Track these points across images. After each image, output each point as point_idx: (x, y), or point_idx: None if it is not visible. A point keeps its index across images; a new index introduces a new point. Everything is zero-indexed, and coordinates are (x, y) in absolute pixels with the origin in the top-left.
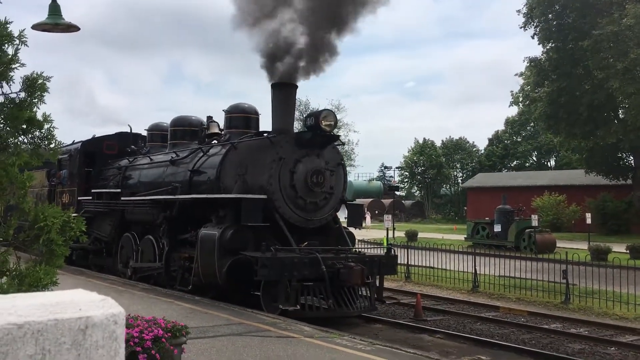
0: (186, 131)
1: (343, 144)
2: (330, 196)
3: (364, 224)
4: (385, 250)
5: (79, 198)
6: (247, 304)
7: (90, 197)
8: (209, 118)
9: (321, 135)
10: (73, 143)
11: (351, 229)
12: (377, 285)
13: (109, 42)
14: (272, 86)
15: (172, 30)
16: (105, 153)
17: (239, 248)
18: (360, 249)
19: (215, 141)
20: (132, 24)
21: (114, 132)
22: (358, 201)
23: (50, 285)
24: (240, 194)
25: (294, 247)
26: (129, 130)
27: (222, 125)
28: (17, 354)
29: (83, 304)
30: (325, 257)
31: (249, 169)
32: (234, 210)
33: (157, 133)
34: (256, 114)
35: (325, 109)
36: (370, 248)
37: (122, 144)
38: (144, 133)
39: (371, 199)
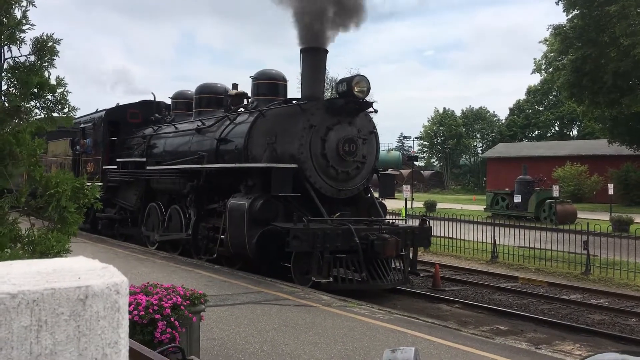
0: (211, 99)
1: (376, 111)
2: (362, 165)
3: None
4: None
5: (103, 167)
6: (276, 275)
7: (115, 167)
8: (235, 85)
9: (353, 102)
10: (97, 111)
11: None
12: (411, 257)
13: (119, 8)
14: (302, 51)
15: None
16: (129, 122)
17: (269, 219)
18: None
19: (242, 109)
20: None
21: (137, 101)
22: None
23: (62, 253)
24: (269, 164)
25: (326, 218)
26: (152, 99)
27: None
28: (11, 325)
29: (82, 272)
30: (358, 228)
31: (278, 137)
32: (263, 180)
33: (182, 101)
34: (284, 80)
35: (357, 75)
36: (397, 219)
37: (146, 113)
38: (168, 101)
39: (390, 170)
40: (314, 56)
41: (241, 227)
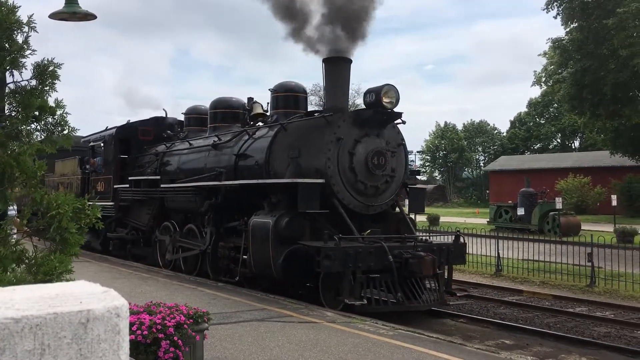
0: (227, 113)
1: (404, 122)
2: (391, 179)
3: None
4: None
5: (114, 186)
6: (301, 296)
7: (127, 185)
8: (250, 99)
9: (382, 113)
10: (107, 129)
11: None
12: (446, 276)
13: (114, 23)
14: (324, 61)
15: (179, 11)
16: (140, 139)
17: (295, 237)
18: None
19: (261, 123)
20: (135, 3)
21: (149, 117)
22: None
23: (65, 274)
24: (295, 179)
25: (357, 235)
26: (164, 115)
27: (265, 106)
28: (15, 349)
29: (84, 296)
30: (391, 246)
31: (302, 151)
32: (287, 196)
33: (195, 117)
34: (304, 92)
35: (386, 84)
36: (429, 235)
37: (158, 129)
38: (180, 117)
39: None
40: (337, 66)
41: (266, 246)
